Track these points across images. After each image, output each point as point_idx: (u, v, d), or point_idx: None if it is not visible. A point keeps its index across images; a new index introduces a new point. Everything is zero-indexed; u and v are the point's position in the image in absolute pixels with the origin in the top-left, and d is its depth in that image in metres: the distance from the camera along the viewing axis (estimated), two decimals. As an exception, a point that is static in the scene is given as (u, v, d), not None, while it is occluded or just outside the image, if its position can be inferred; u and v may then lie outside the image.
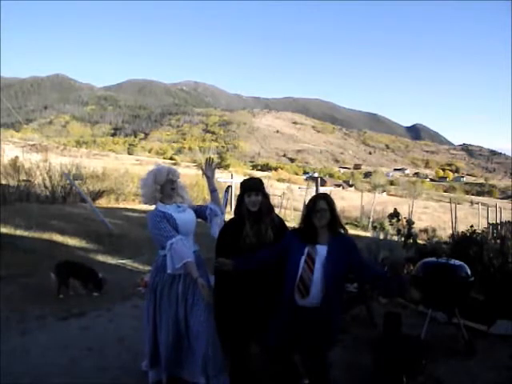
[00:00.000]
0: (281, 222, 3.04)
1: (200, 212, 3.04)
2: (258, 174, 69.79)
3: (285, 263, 2.67)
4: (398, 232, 6.07)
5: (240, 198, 2.92)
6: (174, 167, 3.09)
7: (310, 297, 2.56)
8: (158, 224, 2.76)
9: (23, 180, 13.81)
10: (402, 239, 5.94)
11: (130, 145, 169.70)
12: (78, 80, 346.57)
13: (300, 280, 2.58)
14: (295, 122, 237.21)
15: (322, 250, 2.60)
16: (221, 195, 3.34)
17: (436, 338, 3.91)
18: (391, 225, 6.25)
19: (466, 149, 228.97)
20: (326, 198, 2.73)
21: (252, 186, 2.89)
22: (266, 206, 2.90)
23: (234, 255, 2.76)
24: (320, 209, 2.62)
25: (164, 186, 2.86)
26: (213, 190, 3.12)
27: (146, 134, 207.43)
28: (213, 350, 2.75)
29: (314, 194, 10.54)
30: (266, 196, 2.92)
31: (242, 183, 2.98)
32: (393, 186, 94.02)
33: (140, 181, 2.94)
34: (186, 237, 2.86)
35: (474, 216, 19.00)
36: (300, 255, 2.61)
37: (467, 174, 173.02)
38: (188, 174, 19.95)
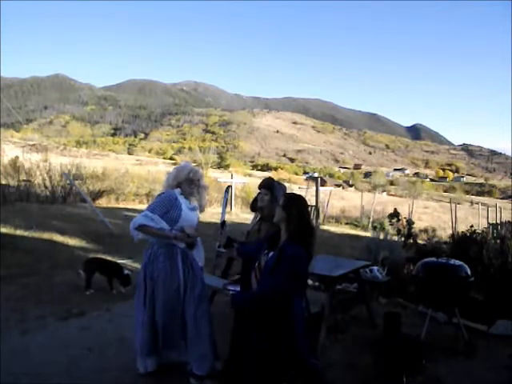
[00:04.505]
0: None
1: None
2: (258, 174, 69.77)
3: None
4: (398, 232, 6.06)
5: (257, 195, 3.24)
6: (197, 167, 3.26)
7: None
8: (164, 201, 2.91)
9: (23, 180, 13.81)
10: (402, 239, 5.94)
11: (130, 145, 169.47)
12: (78, 80, 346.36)
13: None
14: (295, 122, 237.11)
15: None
16: (221, 195, 3.42)
17: (436, 338, 3.91)
18: (391, 225, 6.25)
19: (466, 149, 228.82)
20: (285, 199, 2.45)
21: (261, 184, 3.14)
22: (269, 207, 2.93)
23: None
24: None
25: (182, 184, 2.99)
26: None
27: (146, 134, 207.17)
28: (204, 333, 2.94)
29: (314, 193, 10.53)
30: (273, 196, 2.96)
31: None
32: (393, 186, 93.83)
33: (166, 174, 3.14)
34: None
35: (474, 216, 19.01)
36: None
37: (467, 174, 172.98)
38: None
